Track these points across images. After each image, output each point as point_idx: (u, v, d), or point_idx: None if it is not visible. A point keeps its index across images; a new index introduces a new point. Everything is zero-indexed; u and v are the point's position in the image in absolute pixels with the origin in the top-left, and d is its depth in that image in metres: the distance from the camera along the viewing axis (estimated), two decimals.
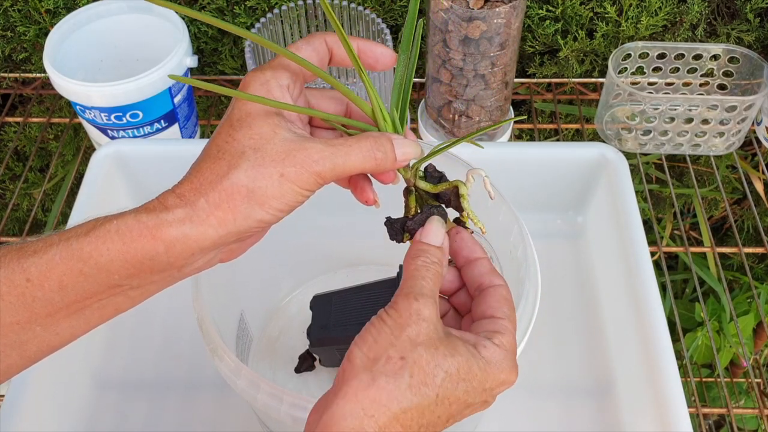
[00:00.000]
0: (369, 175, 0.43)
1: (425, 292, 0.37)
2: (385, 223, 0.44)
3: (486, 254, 0.42)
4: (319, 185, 0.38)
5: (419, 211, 0.44)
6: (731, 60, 0.86)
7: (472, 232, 0.44)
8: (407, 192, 0.44)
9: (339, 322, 0.64)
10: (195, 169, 0.38)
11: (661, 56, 0.87)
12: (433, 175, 0.44)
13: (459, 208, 0.43)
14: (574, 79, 0.96)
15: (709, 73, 0.88)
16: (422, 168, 0.44)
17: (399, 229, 0.44)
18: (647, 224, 0.99)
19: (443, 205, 0.43)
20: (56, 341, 0.38)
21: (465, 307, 0.42)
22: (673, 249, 0.83)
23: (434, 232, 0.41)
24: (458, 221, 0.44)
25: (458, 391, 0.35)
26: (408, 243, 0.44)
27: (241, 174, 0.36)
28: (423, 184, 0.43)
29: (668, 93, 0.90)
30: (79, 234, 0.37)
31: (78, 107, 0.80)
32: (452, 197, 0.43)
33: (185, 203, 0.37)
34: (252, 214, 0.37)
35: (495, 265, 0.59)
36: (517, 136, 1.01)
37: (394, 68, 0.44)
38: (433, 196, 0.44)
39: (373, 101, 0.41)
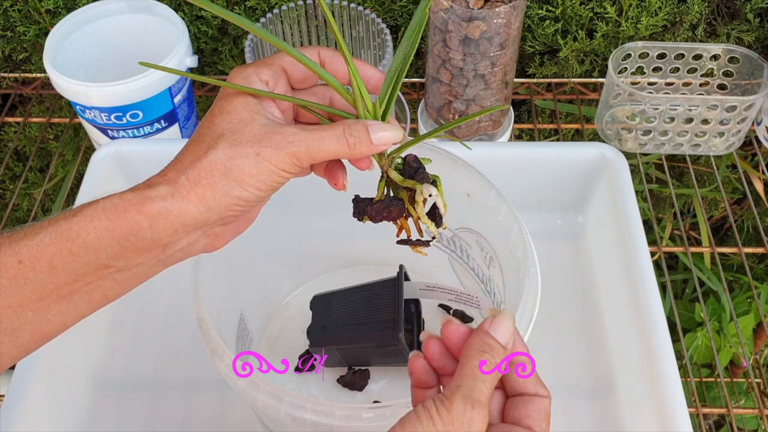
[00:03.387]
0: (347, 161, 0.44)
1: (482, 399, 0.35)
2: (353, 200, 0.45)
3: (534, 366, 0.39)
4: (295, 167, 0.40)
5: (384, 199, 0.45)
6: (731, 60, 0.86)
7: (434, 238, 0.44)
8: (381, 176, 0.45)
9: (339, 322, 0.64)
10: (179, 155, 0.40)
11: (661, 56, 0.87)
12: (411, 165, 0.44)
13: (413, 208, 0.43)
14: (574, 79, 0.96)
15: (709, 73, 0.88)
16: (402, 156, 0.44)
17: (362, 209, 0.45)
18: (647, 224, 0.99)
19: (404, 201, 0.44)
20: (47, 328, 0.39)
21: (494, 409, 0.39)
22: (673, 249, 0.83)
23: (505, 329, 0.38)
24: None
25: None
26: (366, 223, 0.45)
27: (219, 152, 0.38)
28: (394, 174, 0.44)
29: (668, 93, 0.90)
30: (68, 215, 0.38)
31: (78, 107, 0.80)
32: (409, 197, 0.44)
33: (167, 181, 0.39)
34: (230, 191, 0.38)
35: (495, 265, 0.59)
36: (517, 136, 1.01)
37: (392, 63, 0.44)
38: (403, 187, 0.44)
39: (355, 89, 0.42)
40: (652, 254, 0.70)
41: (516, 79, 0.95)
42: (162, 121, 0.82)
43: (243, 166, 0.38)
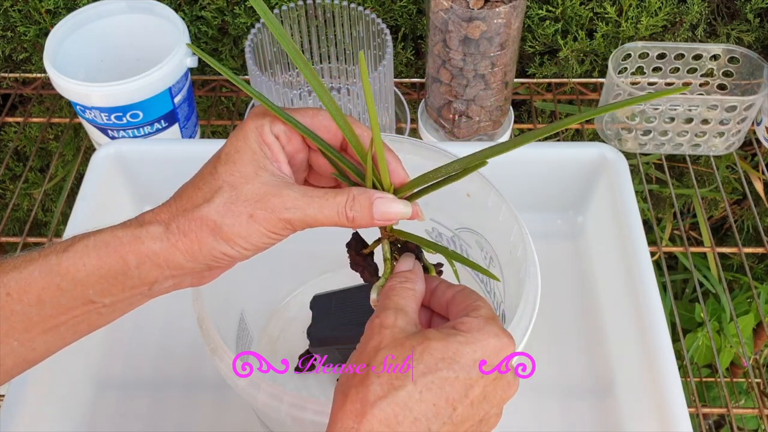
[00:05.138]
0: None
1: (390, 306, 0.38)
2: (353, 233, 0.47)
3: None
4: (288, 231, 0.39)
5: (369, 257, 0.47)
6: (731, 60, 0.86)
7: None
8: (379, 238, 0.45)
9: (339, 322, 0.64)
10: (177, 195, 0.40)
11: (661, 56, 0.87)
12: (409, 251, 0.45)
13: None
14: (574, 79, 0.96)
15: (709, 73, 0.88)
16: (402, 239, 0.45)
17: (351, 246, 0.47)
18: (647, 224, 0.99)
19: (376, 266, 0.46)
20: (32, 356, 0.39)
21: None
22: (673, 249, 0.83)
23: (405, 263, 0.43)
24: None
25: (442, 372, 0.35)
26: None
27: (212, 208, 0.38)
28: (386, 247, 0.45)
29: None
30: (58, 250, 0.38)
31: (78, 107, 0.80)
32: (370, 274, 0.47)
33: (159, 222, 0.38)
34: (217, 247, 0.38)
35: (495, 265, 0.59)
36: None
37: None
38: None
39: (368, 163, 0.40)
40: (652, 254, 0.70)
41: (516, 79, 0.95)
42: (162, 121, 0.82)
43: (233, 225, 0.38)
